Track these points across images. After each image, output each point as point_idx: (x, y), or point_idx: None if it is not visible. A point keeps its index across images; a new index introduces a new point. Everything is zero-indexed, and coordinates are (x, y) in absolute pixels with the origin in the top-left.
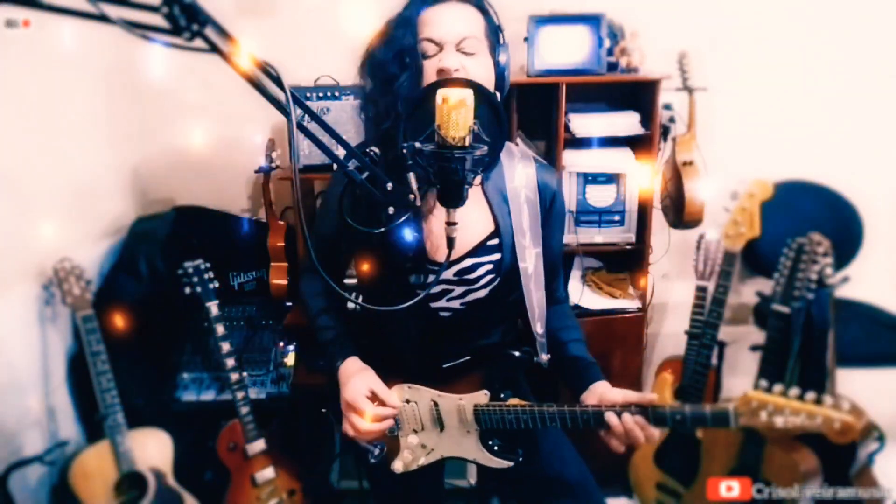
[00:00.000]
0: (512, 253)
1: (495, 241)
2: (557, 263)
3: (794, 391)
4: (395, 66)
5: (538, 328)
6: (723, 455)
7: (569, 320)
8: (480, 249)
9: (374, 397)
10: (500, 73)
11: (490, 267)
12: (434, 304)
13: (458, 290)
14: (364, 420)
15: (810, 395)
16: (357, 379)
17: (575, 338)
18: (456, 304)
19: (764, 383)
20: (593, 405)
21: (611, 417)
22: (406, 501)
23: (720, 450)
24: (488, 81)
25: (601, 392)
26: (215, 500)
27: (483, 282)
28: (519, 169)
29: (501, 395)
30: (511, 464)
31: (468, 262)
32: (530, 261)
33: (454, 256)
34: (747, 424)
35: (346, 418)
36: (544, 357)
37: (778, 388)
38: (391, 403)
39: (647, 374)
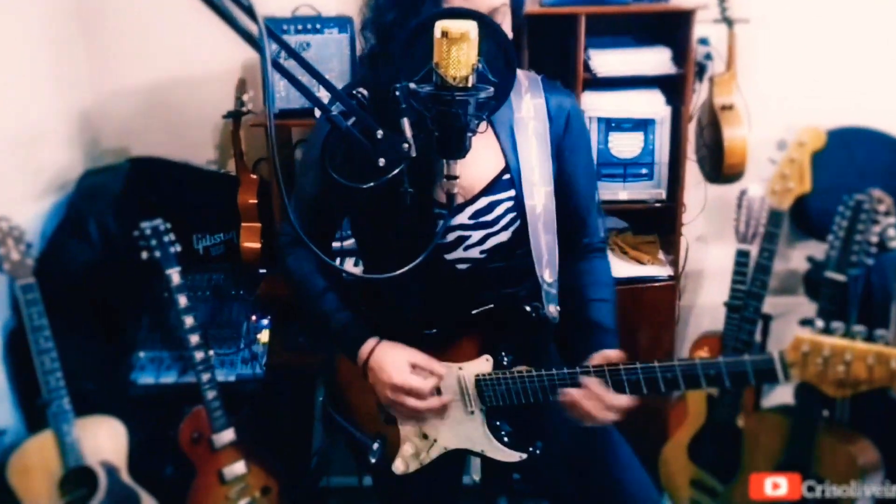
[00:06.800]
0: (525, 189)
1: (508, 176)
2: (588, 200)
3: (859, 327)
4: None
5: (546, 275)
6: (768, 446)
7: (601, 275)
8: (495, 186)
9: (415, 370)
10: (516, 22)
11: (510, 205)
12: (449, 256)
13: (477, 235)
14: (422, 401)
15: (881, 331)
16: (393, 359)
17: (601, 297)
18: (475, 252)
19: (820, 323)
20: (595, 365)
21: (573, 393)
22: (420, 501)
23: (765, 440)
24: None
25: (605, 358)
26: (177, 499)
27: (504, 222)
28: (526, 99)
29: (504, 361)
30: (523, 456)
31: (483, 201)
32: (539, 199)
33: (467, 196)
34: (802, 377)
35: (402, 405)
36: (552, 309)
37: (838, 325)
38: (438, 371)
39: (679, 352)
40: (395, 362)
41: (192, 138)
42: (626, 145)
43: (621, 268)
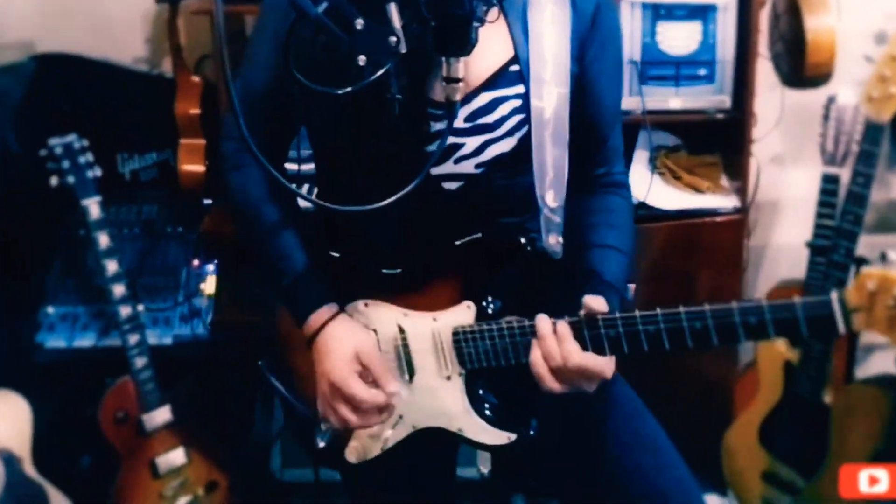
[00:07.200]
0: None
1: (517, 68)
2: (611, 117)
3: None
4: None
5: (549, 198)
6: (863, 429)
7: (614, 217)
8: (500, 79)
9: (365, 371)
10: None
11: (517, 104)
12: (435, 171)
13: (473, 142)
14: (356, 414)
15: None
16: (343, 348)
17: (608, 244)
18: (469, 165)
19: (894, 255)
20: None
21: (541, 322)
22: (397, 499)
23: (859, 422)
24: None
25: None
26: (97, 496)
27: (508, 126)
28: None
29: (490, 309)
30: (512, 437)
31: (485, 97)
32: (549, 102)
33: (464, 92)
34: (867, 326)
35: (331, 406)
36: (552, 240)
37: None
38: (389, 390)
39: None
40: (342, 352)
41: (116, 30)
42: (679, 38)
43: (673, 197)
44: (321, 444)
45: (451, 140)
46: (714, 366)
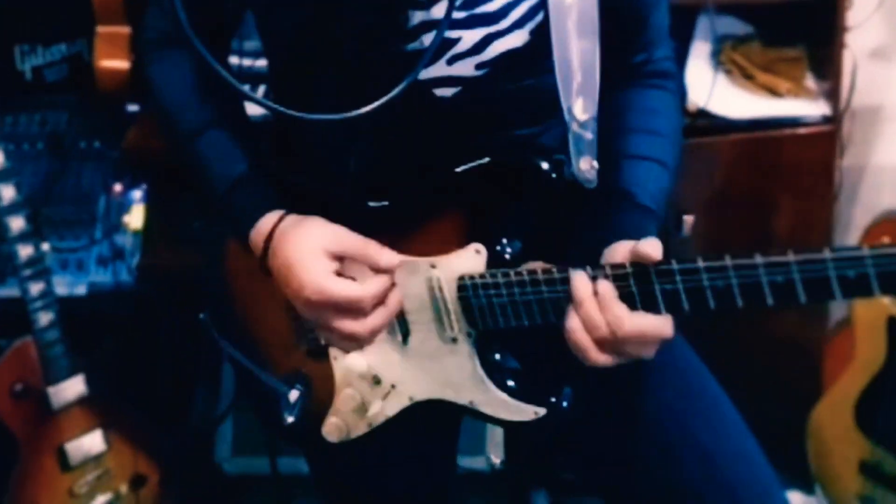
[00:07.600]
0: None
1: None
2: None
3: None
4: None
5: (578, 108)
6: None
7: (655, 119)
8: None
9: (340, 262)
10: None
11: None
12: (424, 74)
13: (472, 36)
14: (358, 319)
15: None
16: (306, 251)
17: (645, 154)
18: (467, 66)
19: None
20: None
21: (578, 282)
22: (383, 490)
23: None
24: None
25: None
26: None
27: (516, 15)
28: None
29: (506, 253)
30: (540, 412)
31: None
32: None
33: None
34: None
35: (324, 328)
36: (583, 164)
37: None
38: (384, 262)
39: (841, 239)
40: (307, 256)
41: None
42: None
43: (743, 103)
44: (289, 420)
45: (443, 35)
46: (797, 323)
